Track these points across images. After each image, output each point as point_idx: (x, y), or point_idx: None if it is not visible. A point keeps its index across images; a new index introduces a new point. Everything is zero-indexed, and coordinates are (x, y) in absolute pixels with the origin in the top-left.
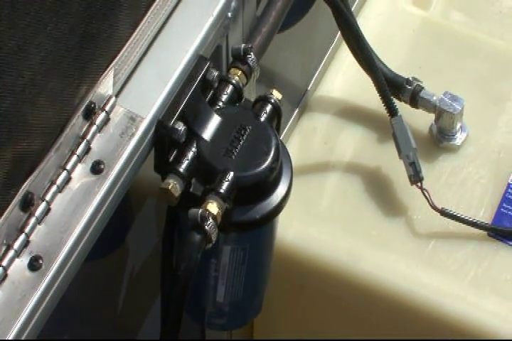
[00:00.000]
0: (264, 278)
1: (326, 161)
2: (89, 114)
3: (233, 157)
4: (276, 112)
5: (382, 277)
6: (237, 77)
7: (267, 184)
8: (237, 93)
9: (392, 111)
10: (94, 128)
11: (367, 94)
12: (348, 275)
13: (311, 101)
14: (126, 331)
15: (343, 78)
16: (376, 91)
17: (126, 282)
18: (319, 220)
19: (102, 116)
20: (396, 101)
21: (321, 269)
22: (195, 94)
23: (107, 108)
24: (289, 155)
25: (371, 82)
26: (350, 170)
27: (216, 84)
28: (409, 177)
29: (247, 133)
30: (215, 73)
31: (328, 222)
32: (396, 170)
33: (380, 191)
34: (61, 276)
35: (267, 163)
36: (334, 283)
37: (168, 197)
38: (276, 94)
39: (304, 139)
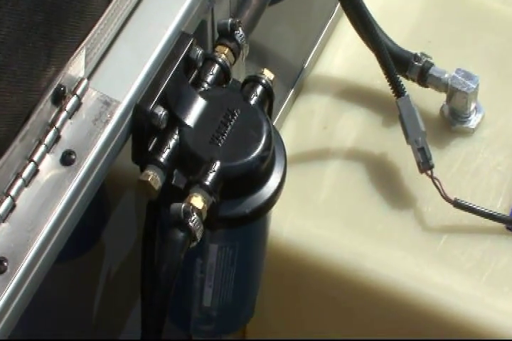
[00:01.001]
0: (256, 280)
1: (324, 148)
2: (59, 98)
3: (220, 145)
4: (268, 94)
5: (387, 276)
6: (223, 56)
7: (257, 175)
8: (224, 73)
9: (399, 90)
10: (64, 114)
11: (370, 72)
12: (349, 275)
13: (307, 81)
14: (105, 333)
15: (343, 55)
16: (380, 69)
17: (103, 284)
18: (317, 214)
19: (72, 100)
20: (403, 80)
21: (320, 268)
22: (177, 74)
23: (79, 92)
24: (282, 143)
25: (375, 58)
26: (352, 157)
27: (200, 64)
28: (418, 165)
29: (235, 117)
30: (200, 51)
31: (328, 216)
32: (403, 157)
33: (385, 181)
34: (28, 280)
35: (258, 151)
36: (334, 284)
37: (147, 191)
38: (268, 74)
39: (300, 124)
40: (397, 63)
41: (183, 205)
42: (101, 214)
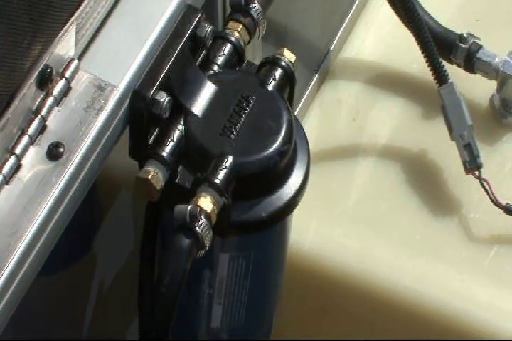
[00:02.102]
0: (274, 296)
1: (354, 144)
2: (45, 81)
3: (232, 137)
4: (288, 78)
5: (428, 294)
6: (236, 33)
7: (276, 172)
8: (238, 54)
9: (441, 77)
10: (50, 100)
11: (408, 56)
12: (383, 293)
13: (334, 66)
14: None
15: (376, 35)
16: (420, 52)
17: (94, 300)
18: (346, 221)
19: (60, 84)
20: (446, 65)
21: (349, 285)
22: (182, 55)
23: (68, 74)
24: (305, 135)
25: (413, 39)
26: (386, 155)
27: (210, 43)
28: (464, 164)
29: (250, 105)
30: (209, 28)
31: (358, 224)
32: (446, 154)
33: (425, 183)
34: (9, 292)
35: (277, 144)
36: (365, 303)
37: (147, 190)
38: (288, 55)
39: (325, 115)
40: (439, 45)
41: (189, 207)
42: (93, 219)
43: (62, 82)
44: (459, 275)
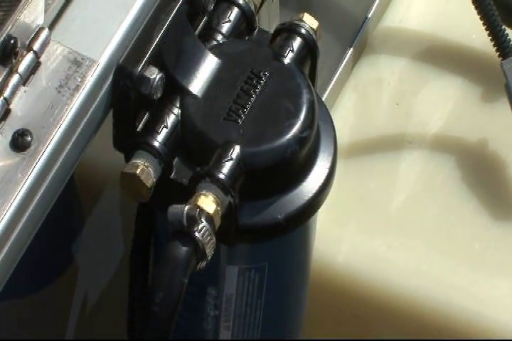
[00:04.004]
0: (294, 320)
1: (398, 133)
2: (7, 55)
3: (240, 122)
4: (310, 50)
5: (489, 316)
6: None
7: (294, 165)
8: (246, 20)
9: (505, 49)
10: (15, 78)
11: (463, 25)
12: (435, 316)
13: (373, 38)
14: None
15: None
16: (479, 20)
17: (75, 322)
18: (388, 229)
19: (27, 59)
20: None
21: (393, 307)
22: (177, 22)
23: (36, 46)
24: (330, 119)
25: (470, 4)
26: (438, 147)
27: (211, 7)
28: None
29: (261, 83)
30: None
31: (404, 232)
32: (511, 145)
33: (485, 180)
34: None
35: (294, 130)
36: (412, 329)
37: (136, 188)
38: (310, 21)
39: (362, 98)
40: (503, 10)
41: (187, 208)
42: (71, 224)
43: (29, 56)
44: None
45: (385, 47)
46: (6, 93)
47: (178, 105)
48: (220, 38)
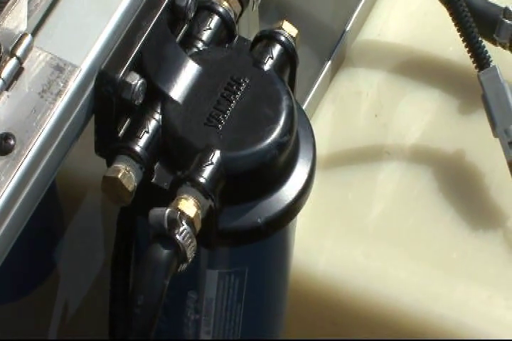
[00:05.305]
0: (275, 324)
1: (376, 145)
2: None
3: (220, 127)
4: (289, 57)
5: (467, 324)
6: (225, 3)
7: (273, 169)
8: (227, 28)
9: (482, 60)
10: None
11: (441, 36)
12: (413, 323)
13: (351, 50)
14: None
15: (403, 11)
16: (456, 31)
17: (57, 329)
18: (368, 238)
19: (11, 64)
20: (488, 46)
21: (371, 314)
22: (158, 29)
23: (19, 52)
24: (309, 125)
25: (448, 16)
26: (416, 158)
27: (192, 14)
28: (510, 167)
29: (241, 89)
30: None
31: (382, 241)
32: (488, 156)
33: (462, 191)
34: None
35: (274, 135)
36: (391, 335)
37: (117, 192)
38: (289, 28)
39: (341, 110)
40: (480, 22)
41: (168, 211)
42: (52, 228)
43: (12, 62)
44: (504, 302)
45: (363, 60)
46: None
47: (159, 111)
48: (200, 45)
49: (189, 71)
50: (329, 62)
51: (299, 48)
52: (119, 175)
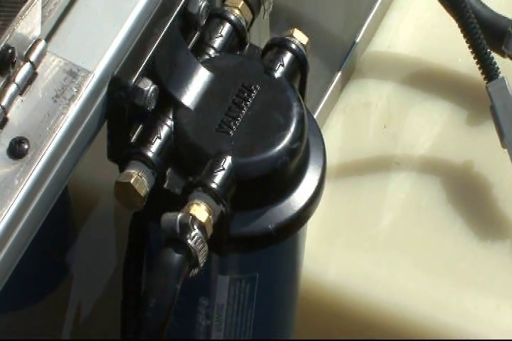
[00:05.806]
0: (284, 329)
1: (385, 155)
2: (5, 65)
3: (231, 133)
4: (300, 64)
5: (475, 333)
6: (237, 11)
7: (284, 176)
8: (238, 35)
9: (490, 72)
10: (12, 88)
11: (450, 48)
12: (421, 332)
13: (361, 61)
14: None
15: (412, 24)
16: (465, 43)
17: (69, 334)
18: (376, 247)
19: (25, 69)
20: (497, 58)
21: (379, 323)
22: (170, 36)
23: (33, 57)
24: (319, 132)
25: (457, 28)
26: (424, 168)
27: (204, 22)
28: None
29: (252, 96)
30: (202, 3)
31: (391, 251)
32: (496, 166)
33: (471, 202)
34: None
35: (285, 142)
36: None
37: (130, 198)
38: (300, 36)
39: (350, 121)
40: (489, 34)
41: (180, 215)
42: (66, 232)
43: (26, 67)
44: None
45: (373, 71)
46: (4, 102)
47: (171, 117)
48: (212, 52)
49: (201, 78)
50: (339, 73)
51: (309, 56)
52: (132, 181)
